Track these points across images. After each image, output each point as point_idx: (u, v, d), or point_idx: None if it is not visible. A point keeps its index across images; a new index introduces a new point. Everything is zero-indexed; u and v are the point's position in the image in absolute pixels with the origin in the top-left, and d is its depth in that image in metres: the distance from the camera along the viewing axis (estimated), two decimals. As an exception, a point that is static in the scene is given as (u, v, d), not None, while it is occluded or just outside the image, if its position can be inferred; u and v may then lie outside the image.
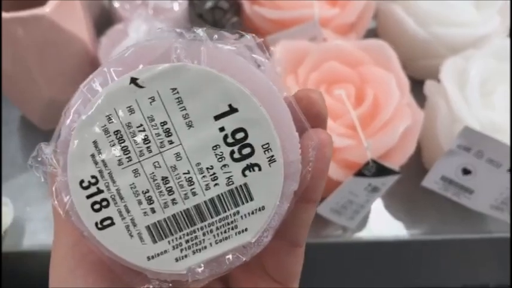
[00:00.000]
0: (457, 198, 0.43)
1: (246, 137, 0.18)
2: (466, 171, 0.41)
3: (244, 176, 0.19)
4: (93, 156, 0.18)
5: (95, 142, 0.18)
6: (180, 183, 0.19)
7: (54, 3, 0.42)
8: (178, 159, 0.18)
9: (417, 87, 0.48)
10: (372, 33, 0.61)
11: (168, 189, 0.19)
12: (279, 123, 0.19)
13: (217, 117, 0.18)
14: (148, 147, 0.18)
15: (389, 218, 0.48)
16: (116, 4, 0.50)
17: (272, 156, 0.19)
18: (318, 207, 0.42)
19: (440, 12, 0.52)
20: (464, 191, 0.42)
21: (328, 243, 0.46)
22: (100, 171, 0.18)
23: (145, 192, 0.19)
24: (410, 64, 0.56)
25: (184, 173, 0.19)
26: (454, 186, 0.42)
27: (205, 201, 0.19)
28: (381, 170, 0.40)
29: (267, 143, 0.19)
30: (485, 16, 0.52)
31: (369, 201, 0.43)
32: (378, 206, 0.49)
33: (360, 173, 0.40)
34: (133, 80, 0.18)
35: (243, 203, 0.19)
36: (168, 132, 0.18)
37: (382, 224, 0.47)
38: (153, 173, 0.18)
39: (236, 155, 0.19)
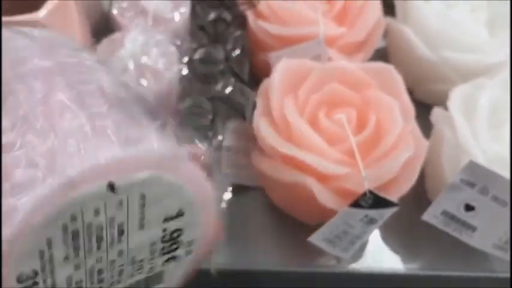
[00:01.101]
0: (458, 235, 0.41)
1: (180, 235, 0.20)
2: (469, 208, 0.39)
3: (163, 265, 0.20)
4: (41, 252, 0.18)
5: (48, 239, 0.18)
6: (112, 274, 0.20)
7: (48, 7, 0.41)
8: (119, 255, 0.19)
9: (425, 111, 0.46)
10: (381, 53, 0.58)
11: (99, 280, 0.20)
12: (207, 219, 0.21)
13: (165, 220, 0.20)
14: (98, 246, 0.19)
15: (386, 249, 0.46)
16: (115, 11, 0.49)
17: (191, 250, 0.21)
18: (311, 236, 0.40)
19: (452, 35, 0.50)
20: (466, 227, 0.40)
21: (320, 273, 0.44)
22: (43, 267, 0.18)
23: (78, 282, 0.19)
24: (419, 88, 0.54)
25: (119, 266, 0.20)
26: (456, 222, 0.40)
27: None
28: (378, 202, 0.38)
29: (193, 240, 0.21)
30: (498, 43, 0.50)
31: (366, 232, 0.41)
32: (374, 236, 0.47)
33: (356, 204, 0.38)
34: (111, 186, 0.18)
35: (153, 286, 0.21)
36: (121, 232, 0.19)
37: (379, 256, 0.45)
38: (92, 266, 0.19)
39: (165, 250, 0.20)
